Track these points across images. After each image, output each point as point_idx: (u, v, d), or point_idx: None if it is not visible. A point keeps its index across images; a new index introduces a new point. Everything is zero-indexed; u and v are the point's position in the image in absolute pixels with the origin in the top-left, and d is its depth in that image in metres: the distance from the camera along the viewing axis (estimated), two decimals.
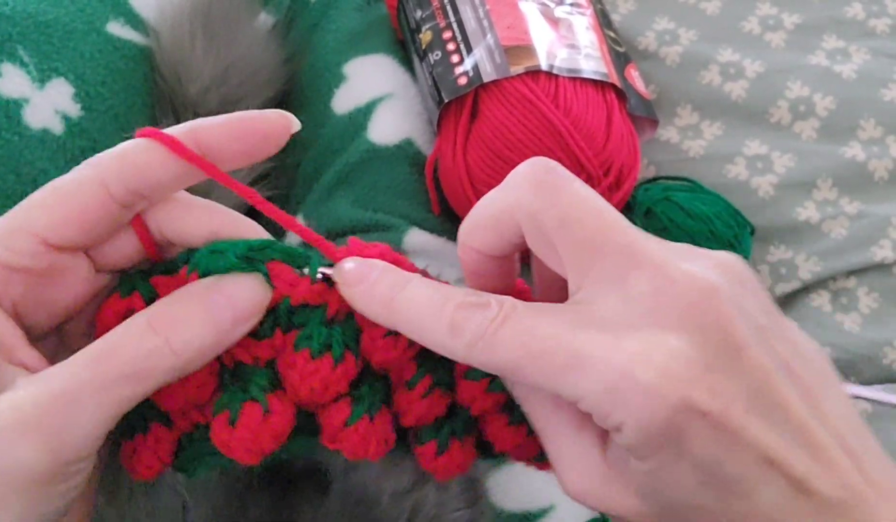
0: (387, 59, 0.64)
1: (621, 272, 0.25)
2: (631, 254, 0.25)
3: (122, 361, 0.25)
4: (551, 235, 0.26)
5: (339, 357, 0.28)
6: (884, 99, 0.64)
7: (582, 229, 0.26)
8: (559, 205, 0.26)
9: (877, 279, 0.59)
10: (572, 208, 0.26)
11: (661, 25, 0.70)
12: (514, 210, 0.27)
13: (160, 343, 0.25)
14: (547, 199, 0.26)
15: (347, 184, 0.59)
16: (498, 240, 0.28)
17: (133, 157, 0.27)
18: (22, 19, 0.50)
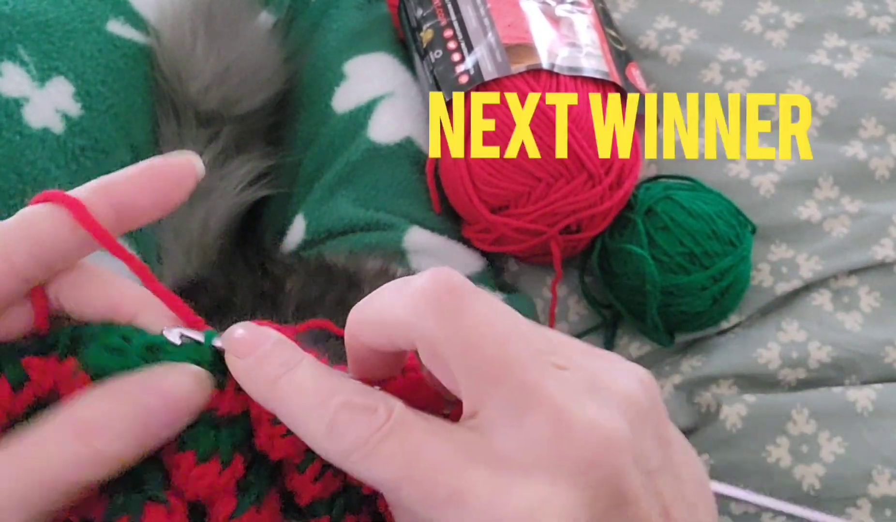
0: (387, 57, 0.64)
1: (519, 410, 0.23)
2: (531, 393, 0.24)
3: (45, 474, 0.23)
4: (449, 362, 0.24)
5: (226, 461, 0.26)
6: (885, 98, 0.64)
7: (482, 361, 0.24)
8: (459, 333, 0.24)
9: (878, 278, 0.59)
10: (473, 336, 0.24)
11: (662, 24, 0.69)
12: (409, 330, 0.25)
13: (89, 454, 0.23)
14: (447, 327, 0.24)
15: (348, 182, 0.59)
16: (388, 344, 0.26)
17: (39, 226, 0.25)
18: (22, 18, 0.50)
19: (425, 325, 0.24)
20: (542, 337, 0.26)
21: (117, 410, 0.24)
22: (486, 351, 0.24)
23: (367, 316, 0.26)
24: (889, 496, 0.51)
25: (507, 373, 0.24)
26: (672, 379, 0.57)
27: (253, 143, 0.61)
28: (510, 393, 0.24)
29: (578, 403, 0.24)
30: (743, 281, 0.58)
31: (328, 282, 0.52)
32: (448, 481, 0.23)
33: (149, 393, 0.24)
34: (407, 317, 0.25)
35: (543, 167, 0.56)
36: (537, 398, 0.23)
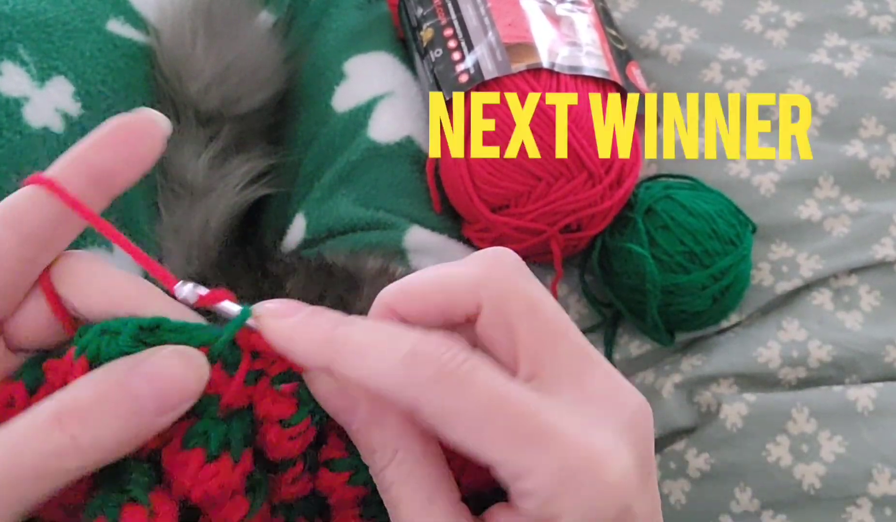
0: (388, 57, 0.64)
1: (579, 368, 0.25)
2: (587, 355, 0.26)
3: (21, 463, 0.22)
4: (514, 319, 0.25)
5: (237, 458, 0.25)
6: (885, 97, 0.64)
7: (546, 322, 0.25)
8: (529, 295, 0.26)
9: (878, 277, 0.59)
10: (539, 300, 0.26)
11: (662, 24, 0.69)
12: (480, 288, 0.25)
13: (66, 442, 0.22)
14: (518, 286, 0.26)
15: (348, 182, 0.59)
16: (439, 312, 0.26)
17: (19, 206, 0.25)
18: (22, 18, 0.50)
19: (497, 282, 0.25)
20: None
21: (100, 396, 0.23)
22: (548, 314, 0.26)
23: (418, 285, 0.26)
24: (889, 495, 0.51)
25: (566, 335, 0.26)
26: (672, 378, 0.57)
27: (253, 143, 0.61)
28: (570, 353, 0.25)
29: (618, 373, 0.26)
30: (743, 280, 0.58)
31: (328, 282, 0.52)
32: (536, 416, 0.23)
33: (135, 377, 0.23)
34: (479, 277, 0.25)
35: (544, 166, 0.56)
36: (592, 359, 0.26)
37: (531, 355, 0.25)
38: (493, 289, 0.25)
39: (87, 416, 0.22)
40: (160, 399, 0.23)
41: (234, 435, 0.25)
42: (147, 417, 0.23)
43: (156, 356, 0.24)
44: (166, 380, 0.23)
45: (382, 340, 0.24)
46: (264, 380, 0.26)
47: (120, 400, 0.23)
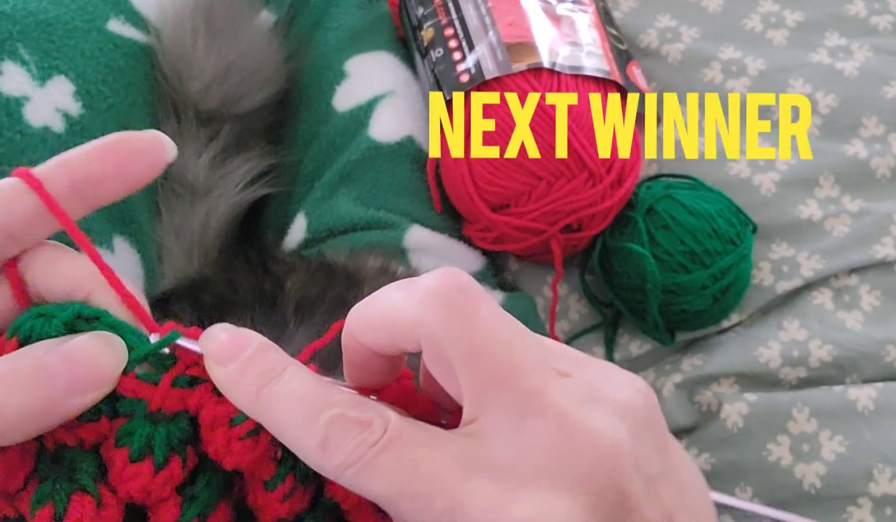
0: (388, 56, 0.64)
1: (522, 416, 0.23)
2: (534, 400, 0.23)
3: None
4: (454, 364, 0.24)
5: (161, 462, 0.24)
6: (886, 96, 0.64)
7: (487, 365, 0.23)
8: (467, 334, 0.24)
9: (879, 277, 0.59)
10: (482, 340, 0.24)
11: (662, 23, 0.69)
12: (416, 328, 0.24)
13: None
14: (455, 327, 0.24)
15: (349, 181, 0.59)
16: (390, 345, 0.26)
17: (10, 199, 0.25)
18: (22, 17, 0.50)
19: (433, 324, 0.24)
20: (543, 345, 0.26)
21: (15, 369, 0.23)
22: (492, 355, 0.24)
23: (370, 315, 0.26)
24: (890, 494, 0.51)
25: (512, 378, 0.23)
26: (673, 377, 0.57)
27: (253, 142, 0.61)
28: (514, 399, 0.23)
29: (581, 410, 0.23)
30: (744, 279, 0.58)
31: (328, 281, 0.52)
32: (446, 495, 0.22)
33: (52, 355, 0.23)
34: (415, 315, 0.24)
35: (544, 166, 0.56)
36: (541, 404, 0.23)
37: (473, 399, 0.24)
38: (430, 333, 0.24)
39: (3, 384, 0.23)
40: (73, 377, 0.23)
41: (158, 440, 0.25)
42: (58, 394, 0.23)
43: (77, 338, 0.24)
44: (82, 362, 0.24)
45: (300, 416, 0.24)
46: (204, 387, 0.26)
47: (32, 374, 0.23)
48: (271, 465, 0.26)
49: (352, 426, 0.23)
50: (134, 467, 0.24)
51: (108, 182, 0.26)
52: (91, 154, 0.26)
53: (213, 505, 0.26)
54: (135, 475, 0.24)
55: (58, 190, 0.26)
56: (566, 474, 0.23)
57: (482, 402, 0.24)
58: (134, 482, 0.24)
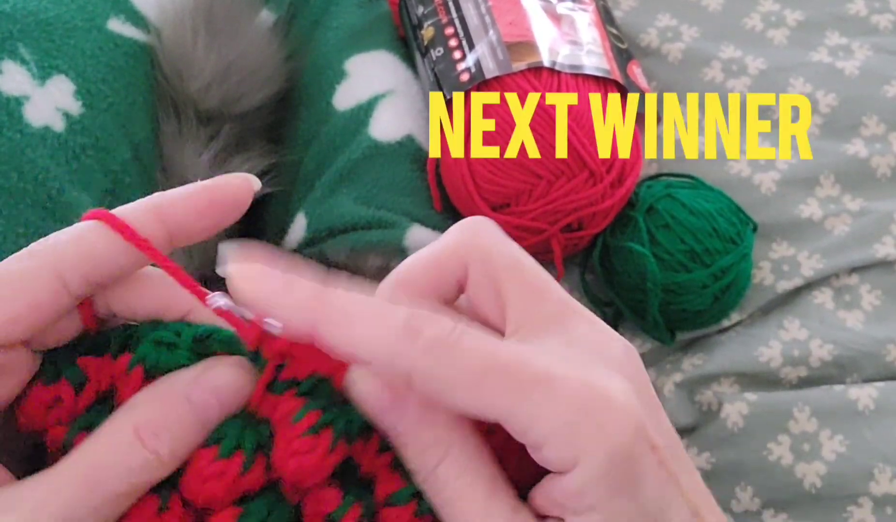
0: (388, 55, 0.64)
1: (563, 319, 0.26)
2: (570, 307, 0.26)
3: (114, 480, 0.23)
4: (500, 274, 0.26)
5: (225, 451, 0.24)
6: (886, 96, 0.64)
7: (529, 275, 0.26)
8: (510, 252, 0.27)
9: (879, 276, 0.59)
10: (521, 258, 0.27)
11: (663, 22, 0.69)
12: (463, 250, 0.27)
13: (151, 457, 0.23)
14: (500, 245, 0.27)
15: (349, 181, 0.59)
16: (438, 281, 0.27)
17: (91, 245, 0.25)
18: (22, 17, 0.50)
19: (481, 242, 0.26)
20: None
21: (175, 412, 0.24)
22: (532, 270, 0.26)
23: (417, 259, 0.27)
24: (890, 494, 0.51)
25: (550, 289, 0.26)
26: (673, 377, 0.57)
27: (253, 142, 0.61)
28: (555, 305, 0.26)
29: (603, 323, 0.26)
30: (744, 279, 0.58)
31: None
32: (531, 366, 0.23)
33: (202, 391, 0.25)
34: (461, 241, 0.27)
35: (544, 165, 0.56)
36: (576, 310, 0.26)
37: (518, 309, 0.26)
38: (477, 250, 0.26)
39: (164, 431, 0.24)
40: (224, 407, 0.25)
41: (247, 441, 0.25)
42: (212, 425, 0.25)
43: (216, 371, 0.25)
44: (229, 393, 0.25)
45: (373, 310, 0.24)
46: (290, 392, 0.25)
47: (194, 415, 0.24)
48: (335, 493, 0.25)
49: (429, 317, 0.24)
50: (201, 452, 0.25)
51: (199, 231, 0.27)
52: (188, 202, 0.26)
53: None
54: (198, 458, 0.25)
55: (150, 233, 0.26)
56: (609, 359, 0.25)
57: (527, 309, 0.26)
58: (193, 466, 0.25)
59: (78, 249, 0.25)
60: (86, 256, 0.25)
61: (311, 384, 0.25)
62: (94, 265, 0.25)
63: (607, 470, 0.23)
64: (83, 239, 0.25)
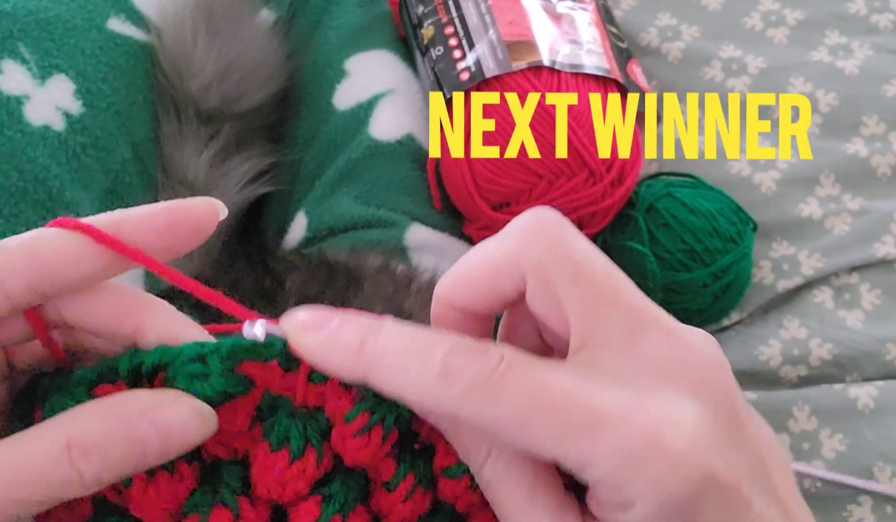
0: (388, 54, 0.64)
1: (633, 332, 0.24)
2: (642, 316, 0.24)
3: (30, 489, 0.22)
4: (560, 289, 0.24)
5: (297, 452, 0.25)
6: (886, 95, 0.64)
7: (594, 285, 0.24)
8: (572, 259, 0.24)
9: (879, 275, 0.59)
10: (584, 260, 0.24)
11: (663, 21, 0.69)
12: (520, 260, 0.25)
13: (73, 476, 0.22)
14: (559, 252, 0.24)
15: (349, 180, 0.59)
16: (490, 294, 0.26)
17: (39, 252, 0.23)
18: (23, 16, 0.50)
19: (535, 252, 0.24)
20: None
21: (113, 435, 0.23)
22: (597, 275, 0.24)
23: (465, 270, 0.26)
24: (891, 493, 0.51)
25: (619, 296, 0.24)
26: None
27: (254, 141, 0.61)
28: (624, 315, 0.24)
29: (683, 329, 0.24)
30: (744, 278, 0.58)
31: (328, 279, 0.52)
32: (581, 405, 0.22)
33: (146, 423, 0.23)
34: (517, 249, 0.25)
35: (545, 164, 0.56)
36: (650, 319, 0.24)
37: (581, 323, 0.24)
38: (533, 260, 0.24)
39: (95, 452, 0.23)
40: (164, 445, 0.24)
41: (294, 431, 0.25)
42: (149, 460, 0.24)
43: (167, 405, 0.24)
44: (172, 430, 0.24)
45: (411, 356, 0.23)
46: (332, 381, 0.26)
47: (127, 443, 0.23)
48: (391, 464, 0.26)
49: (470, 354, 0.23)
50: (271, 457, 0.25)
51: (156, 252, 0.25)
52: (149, 223, 0.25)
53: (350, 506, 0.26)
54: (271, 465, 0.25)
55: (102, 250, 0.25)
56: (685, 380, 0.23)
57: (591, 323, 0.24)
58: (270, 473, 0.25)
59: (24, 257, 0.24)
60: (31, 264, 0.24)
61: None
62: (40, 272, 0.24)
63: (662, 513, 0.22)
64: (32, 248, 0.24)
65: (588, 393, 0.22)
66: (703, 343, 0.24)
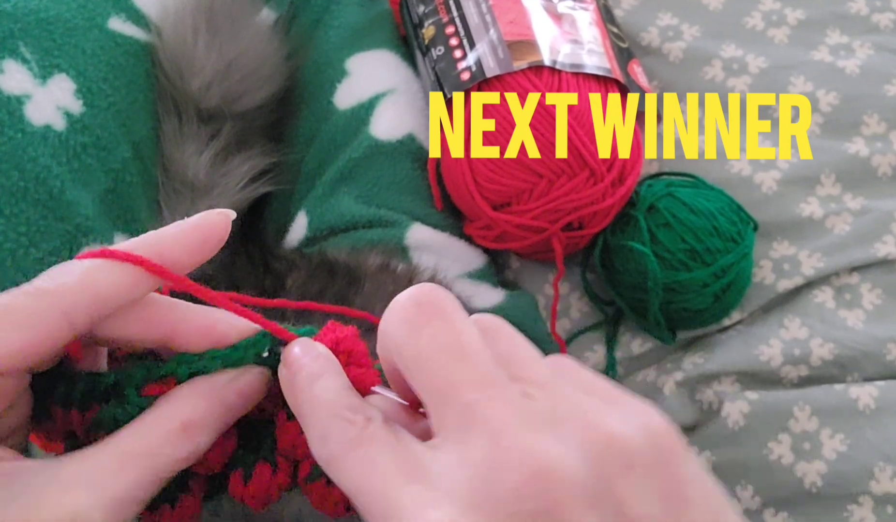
0: (389, 54, 0.64)
1: (463, 431, 0.23)
2: (471, 415, 0.23)
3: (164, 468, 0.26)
4: (405, 374, 0.25)
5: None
6: (887, 94, 0.64)
7: (430, 377, 0.24)
8: (416, 344, 0.24)
9: (880, 275, 0.59)
10: (427, 352, 0.24)
11: (664, 21, 0.69)
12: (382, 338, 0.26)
13: (193, 449, 0.27)
14: (407, 335, 0.25)
15: (350, 179, 0.59)
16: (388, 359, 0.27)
17: (98, 285, 0.26)
18: (23, 15, 0.50)
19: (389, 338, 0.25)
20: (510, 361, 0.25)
21: (211, 409, 0.27)
22: (435, 369, 0.24)
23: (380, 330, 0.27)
24: (891, 493, 0.51)
25: (454, 393, 0.23)
26: (674, 376, 0.57)
27: (254, 140, 0.61)
28: (456, 413, 0.23)
29: (521, 431, 0.23)
30: (745, 278, 0.58)
31: (329, 278, 0.52)
32: (386, 497, 0.23)
33: (233, 394, 0.28)
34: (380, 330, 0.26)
35: (545, 164, 0.56)
36: (477, 421, 0.23)
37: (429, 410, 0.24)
38: (386, 347, 0.26)
39: (204, 427, 0.27)
40: (245, 407, 0.28)
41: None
42: (232, 419, 0.28)
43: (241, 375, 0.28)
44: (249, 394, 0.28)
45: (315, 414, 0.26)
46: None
47: (225, 412, 0.28)
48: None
49: (340, 422, 0.25)
50: (288, 424, 0.29)
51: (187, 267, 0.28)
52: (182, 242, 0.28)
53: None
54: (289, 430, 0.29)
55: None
56: (492, 492, 0.22)
57: (436, 415, 0.24)
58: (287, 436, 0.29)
59: (85, 291, 0.26)
60: (92, 298, 0.26)
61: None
62: (99, 305, 0.26)
63: None
64: (91, 281, 0.26)
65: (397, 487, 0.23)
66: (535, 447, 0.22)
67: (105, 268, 0.26)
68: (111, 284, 0.26)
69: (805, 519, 0.52)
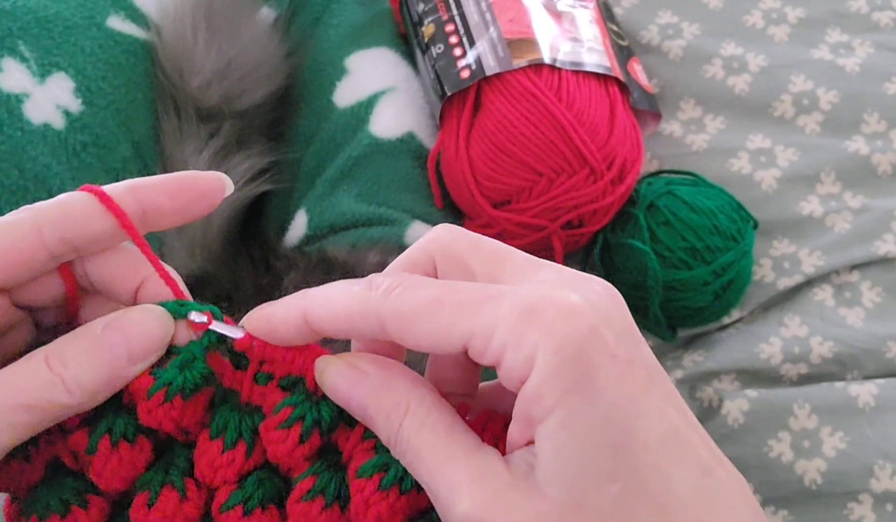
0: (389, 52, 0.64)
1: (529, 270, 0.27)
2: (536, 260, 0.27)
3: (17, 390, 0.26)
4: (463, 255, 0.28)
5: (230, 442, 0.28)
6: (888, 93, 0.64)
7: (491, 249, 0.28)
8: (468, 234, 0.28)
9: (880, 273, 0.59)
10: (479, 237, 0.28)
11: (664, 19, 0.69)
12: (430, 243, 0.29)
13: (54, 379, 0.26)
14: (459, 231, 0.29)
15: (350, 178, 0.59)
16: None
17: (72, 207, 0.27)
18: (22, 14, 0.50)
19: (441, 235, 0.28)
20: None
21: (82, 345, 0.27)
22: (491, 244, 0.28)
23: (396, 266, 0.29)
24: (890, 490, 0.51)
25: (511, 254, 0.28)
26: (674, 373, 0.57)
27: (254, 139, 0.61)
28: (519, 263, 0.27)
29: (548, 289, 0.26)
30: (745, 276, 0.58)
31: (327, 276, 0.52)
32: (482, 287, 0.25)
33: (111, 330, 0.27)
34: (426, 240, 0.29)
35: (545, 162, 0.56)
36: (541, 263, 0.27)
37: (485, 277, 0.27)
38: (440, 241, 0.28)
39: (69, 360, 0.26)
40: (131, 350, 0.27)
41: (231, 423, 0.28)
42: (120, 364, 0.27)
43: (128, 313, 0.28)
44: (135, 333, 0.27)
45: (340, 286, 0.27)
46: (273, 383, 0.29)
47: (98, 350, 0.27)
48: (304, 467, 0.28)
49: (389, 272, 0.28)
50: (209, 444, 0.28)
51: (170, 214, 0.29)
52: (161, 187, 0.29)
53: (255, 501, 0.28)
54: (208, 450, 0.28)
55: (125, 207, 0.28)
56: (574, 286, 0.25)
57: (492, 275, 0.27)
58: (206, 458, 0.28)
59: (58, 209, 0.27)
60: (64, 217, 0.27)
61: (291, 380, 0.28)
62: (71, 227, 0.27)
63: (559, 367, 0.24)
64: (64, 202, 0.27)
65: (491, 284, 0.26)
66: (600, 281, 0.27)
67: (76, 196, 0.27)
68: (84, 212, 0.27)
69: (805, 517, 0.52)
